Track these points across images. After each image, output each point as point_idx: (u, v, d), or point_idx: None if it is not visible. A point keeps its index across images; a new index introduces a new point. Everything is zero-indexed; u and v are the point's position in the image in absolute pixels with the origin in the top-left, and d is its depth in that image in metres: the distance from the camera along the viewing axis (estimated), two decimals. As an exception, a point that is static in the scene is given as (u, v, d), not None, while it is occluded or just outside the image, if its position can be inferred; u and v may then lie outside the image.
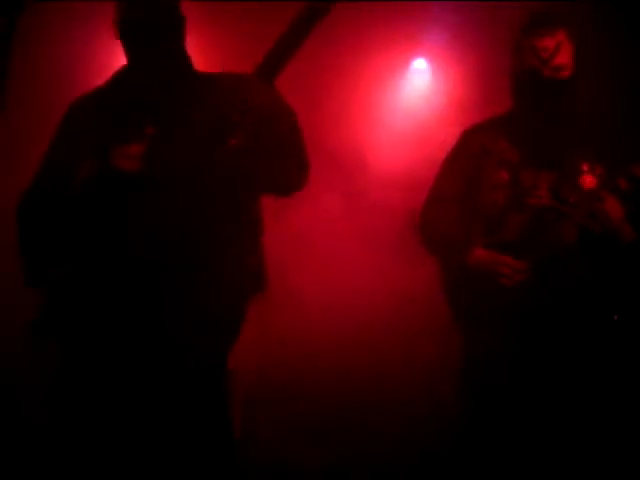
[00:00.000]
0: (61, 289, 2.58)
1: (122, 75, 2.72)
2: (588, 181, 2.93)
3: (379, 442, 4.12)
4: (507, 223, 2.97)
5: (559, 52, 2.91)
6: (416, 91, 4.90)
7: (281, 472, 3.97)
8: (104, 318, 2.54)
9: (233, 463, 2.66)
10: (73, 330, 2.58)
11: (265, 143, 2.52)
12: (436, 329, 3.82)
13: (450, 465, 3.11)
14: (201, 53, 2.93)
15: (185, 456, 2.57)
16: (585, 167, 2.94)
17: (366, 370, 4.40)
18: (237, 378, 2.73)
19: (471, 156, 3.09)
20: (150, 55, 2.60)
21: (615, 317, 2.88)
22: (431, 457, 3.59)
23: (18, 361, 3.64)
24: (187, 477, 2.57)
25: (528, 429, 2.90)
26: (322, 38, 3.17)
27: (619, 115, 3.44)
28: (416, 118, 4.87)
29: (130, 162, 2.52)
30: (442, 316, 3.13)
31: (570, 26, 2.99)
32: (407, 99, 4.92)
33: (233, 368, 2.70)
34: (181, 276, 2.54)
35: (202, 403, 2.59)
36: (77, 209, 2.57)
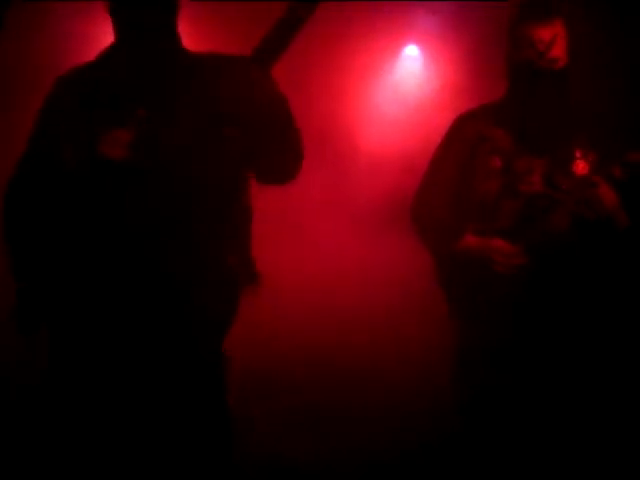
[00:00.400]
0: (47, 281, 2.54)
1: (111, 53, 2.64)
2: (581, 167, 2.93)
3: (375, 436, 4.10)
4: (500, 210, 2.96)
5: (555, 44, 2.90)
6: (408, 77, 4.90)
7: (276, 467, 3.97)
8: (93, 310, 2.51)
9: (231, 457, 2.66)
10: (61, 323, 2.55)
11: (259, 130, 2.48)
12: (429, 315, 3.80)
13: (447, 458, 3.11)
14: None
15: (182, 449, 2.55)
16: (578, 153, 2.93)
17: (360, 362, 4.40)
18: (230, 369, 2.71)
19: (465, 142, 3.08)
20: (139, 31, 2.52)
21: None
22: (427, 450, 3.60)
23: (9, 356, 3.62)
24: (185, 470, 2.56)
25: (525, 421, 2.90)
26: (313, 26, 3.16)
27: (612, 102, 3.44)
28: (408, 104, 4.88)
29: (118, 150, 2.47)
30: (435, 302, 3.12)
31: (565, 15, 2.98)
32: (399, 85, 4.92)
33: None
34: (171, 266, 2.52)
35: (198, 395, 2.58)
36: (64, 195, 2.52)
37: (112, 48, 2.63)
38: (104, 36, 2.77)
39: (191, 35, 2.81)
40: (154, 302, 2.52)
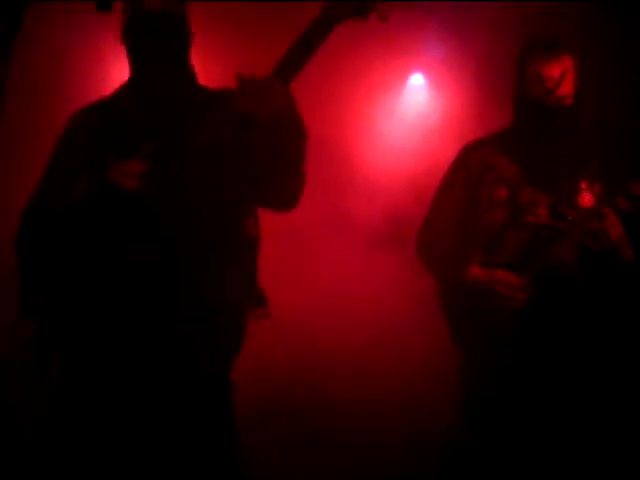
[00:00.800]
0: (57, 313, 2.55)
1: (125, 89, 2.70)
2: (587, 199, 2.92)
3: (379, 458, 4.10)
4: (506, 242, 2.96)
5: (564, 80, 2.92)
6: (413, 106, 4.92)
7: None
8: (103, 336, 2.52)
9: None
10: (72, 349, 2.56)
11: (267, 158, 2.47)
12: (431, 338, 3.80)
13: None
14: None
15: (190, 471, 2.55)
16: (584, 185, 2.93)
17: (364, 384, 4.39)
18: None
19: (471, 172, 3.09)
20: (155, 69, 2.58)
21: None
22: (431, 473, 3.57)
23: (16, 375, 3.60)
24: None
25: (529, 448, 2.89)
26: (319, 53, 3.17)
27: (618, 133, 3.44)
28: (414, 133, 4.89)
29: (129, 180, 2.49)
30: (437, 326, 3.11)
31: (574, 50, 2.99)
32: (404, 114, 4.93)
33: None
34: (180, 293, 2.52)
35: (206, 418, 2.58)
36: (76, 225, 2.54)
37: (128, 83, 2.68)
38: (108, 50, 2.78)
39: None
40: (163, 330, 2.52)
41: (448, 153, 3.29)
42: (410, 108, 4.92)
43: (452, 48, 4.66)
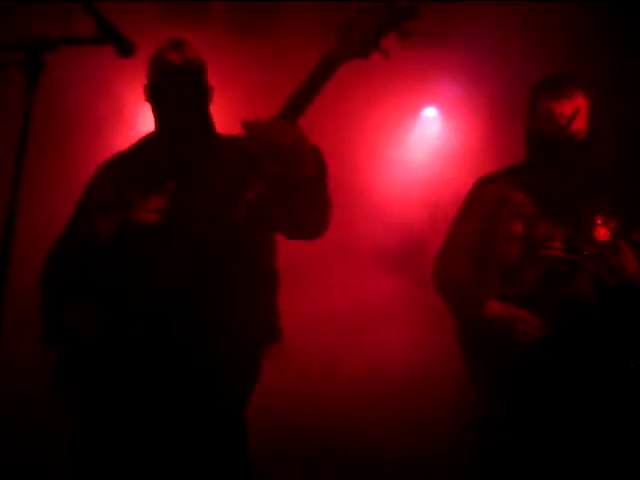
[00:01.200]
0: (79, 343, 2.59)
1: (150, 137, 2.82)
2: (602, 234, 2.93)
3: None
4: (523, 276, 2.96)
5: (577, 117, 2.92)
6: (426, 139, 4.95)
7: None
8: (122, 369, 2.54)
9: None
10: (90, 381, 2.58)
11: (285, 189, 2.47)
12: (444, 365, 3.80)
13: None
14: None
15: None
16: (599, 220, 2.93)
17: (373, 418, 4.38)
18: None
19: (486, 206, 3.09)
20: (177, 121, 2.70)
21: (632, 365, 2.85)
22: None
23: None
24: None
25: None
26: (332, 85, 3.19)
27: (634, 167, 3.44)
28: (426, 166, 4.91)
29: (150, 215, 2.59)
30: (449, 356, 3.11)
31: (588, 86, 3.00)
32: (417, 147, 4.95)
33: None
34: (199, 327, 2.54)
35: (222, 453, 2.58)
36: (100, 263, 2.62)
37: (153, 131, 2.80)
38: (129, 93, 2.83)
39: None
40: (178, 361, 2.54)
41: (460, 183, 3.30)
42: (423, 140, 4.94)
43: (465, 81, 4.69)
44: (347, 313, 4.58)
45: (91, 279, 2.64)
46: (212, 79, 2.81)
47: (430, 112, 4.94)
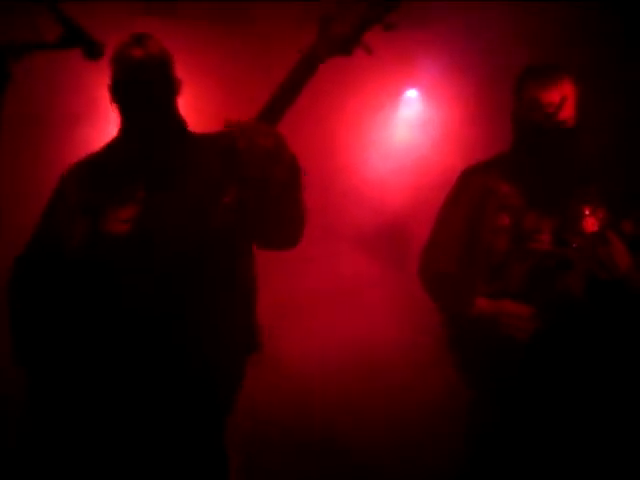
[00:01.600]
0: (49, 360, 2.52)
1: (117, 140, 2.71)
2: (590, 224, 2.88)
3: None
4: (510, 271, 2.91)
5: (564, 105, 2.87)
6: (408, 121, 4.89)
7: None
8: (98, 380, 2.47)
9: None
10: (65, 397, 2.51)
11: (261, 195, 2.42)
12: (438, 379, 3.77)
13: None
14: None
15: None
16: (587, 210, 2.89)
17: (364, 421, 4.35)
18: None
19: (472, 198, 3.05)
20: (144, 118, 2.59)
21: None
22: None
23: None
24: None
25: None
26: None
27: (621, 157, 3.41)
28: (408, 148, 4.85)
29: (121, 225, 2.52)
30: (445, 364, 3.07)
31: (574, 73, 2.95)
32: (399, 129, 4.90)
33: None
34: (175, 337, 2.48)
35: (201, 467, 2.53)
36: (70, 274, 2.54)
37: (119, 133, 2.69)
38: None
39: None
40: (157, 371, 2.47)
41: (443, 166, 3.27)
42: (405, 123, 4.89)
43: (447, 63, 4.63)
44: (326, 297, 4.55)
45: (63, 291, 2.54)
46: (194, 73, 2.73)
47: (412, 94, 4.88)
